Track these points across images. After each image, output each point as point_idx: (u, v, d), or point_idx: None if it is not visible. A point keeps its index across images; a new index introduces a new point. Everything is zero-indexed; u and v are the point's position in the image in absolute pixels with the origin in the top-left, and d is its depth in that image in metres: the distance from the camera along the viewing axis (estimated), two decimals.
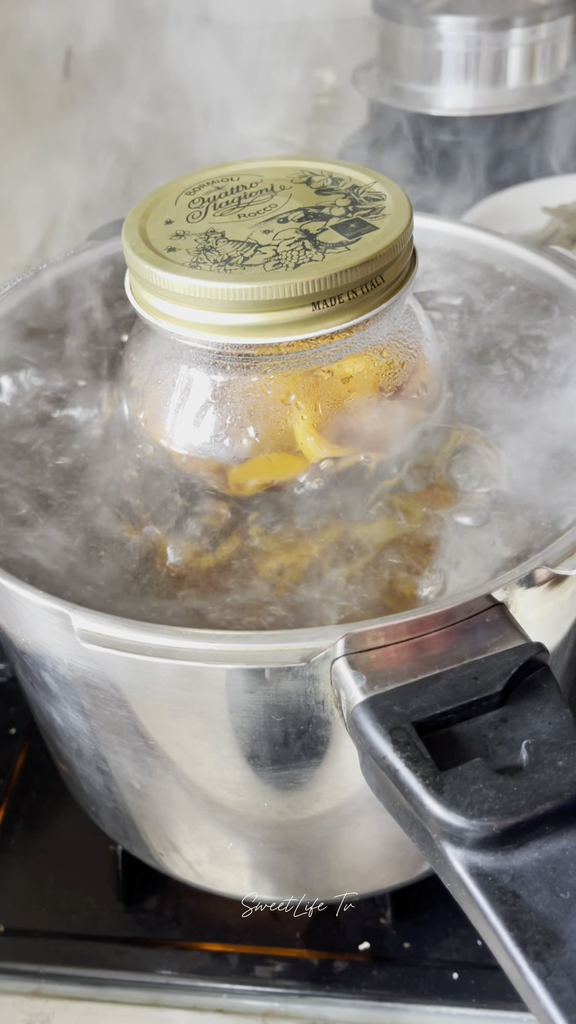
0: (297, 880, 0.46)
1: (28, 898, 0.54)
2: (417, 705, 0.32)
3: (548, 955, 0.28)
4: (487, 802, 0.29)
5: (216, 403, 0.40)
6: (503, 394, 0.45)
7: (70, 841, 0.56)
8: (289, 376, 0.39)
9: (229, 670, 0.35)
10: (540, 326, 0.49)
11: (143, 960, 0.51)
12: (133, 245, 0.39)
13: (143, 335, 0.42)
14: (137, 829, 0.47)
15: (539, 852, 0.29)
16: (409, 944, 0.51)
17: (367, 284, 0.37)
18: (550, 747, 0.31)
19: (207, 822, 0.43)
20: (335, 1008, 0.49)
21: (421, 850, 0.31)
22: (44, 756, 0.59)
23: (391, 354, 0.41)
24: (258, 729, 0.37)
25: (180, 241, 0.39)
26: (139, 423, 0.43)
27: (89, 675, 0.38)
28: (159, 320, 0.39)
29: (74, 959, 0.52)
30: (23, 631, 0.39)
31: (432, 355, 0.43)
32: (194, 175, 0.43)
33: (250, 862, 0.46)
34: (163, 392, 0.41)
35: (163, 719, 0.38)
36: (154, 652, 0.34)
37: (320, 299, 0.36)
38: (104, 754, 0.43)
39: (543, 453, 0.42)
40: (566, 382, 0.45)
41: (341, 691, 0.33)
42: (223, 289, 0.36)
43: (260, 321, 0.36)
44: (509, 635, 0.34)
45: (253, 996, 0.50)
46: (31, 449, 0.45)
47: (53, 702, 0.42)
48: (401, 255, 0.39)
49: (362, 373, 0.40)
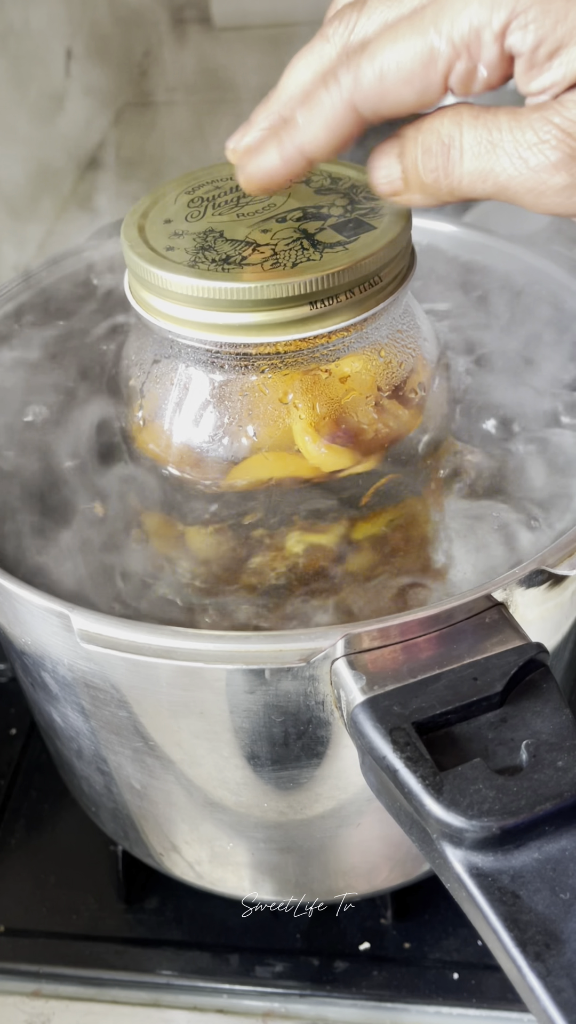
0: (297, 880, 0.46)
1: (28, 898, 0.54)
2: (417, 705, 0.32)
3: (548, 955, 0.28)
4: (487, 802, 0.29)
5: (214, 402, 0.40)
6: (503, 394, 0.45)
7: (70, 841, 0.56)
8: (287, 375, 0.39)
9: (229, 670, 0.35)
10: (540, 326, 0.48)
11: (143, 960, 0.51)
12: (131, 244, 0.39)
13: (141, 334, 0.42)
14: (137, 829, 0.47)
15: (539, 852, 0.29)
16: (409, 944, 0.51)
17: (365, 284, 0.37)
18: (550, 747, 0.31)
19: (207, 822, 0.43)
20: (335, 1008, 0.49)
21: (421, 850, 0.31)
22: (44, 756, 0.59)
23: (389, 353, 0.41)
24: (258, 729, 0.37)
25: (178, 240, 0.39)
26: (137, 422, 0.43)
27: (89, 675, 0.38)
28: (157, 319, 0.39)
29: (74, 959, 0.52)
30: (23, 631, 0.39)
31: (431, 355, 0.43)
32: (193, 174, 0.43)
33: (250, 862, 0.46)
34: (161, 391, 0.41)
35: (163, 719, 0.38)
36: (154, 652, 0.34)
37: (318, 298, 0.36)
38: (104, 754, 0.43)
39: (543, 453, 0.42)
40: (566, 382, 0.45)
41: (341, 691, 0.33)
42: (221, 288, 0.36)
43: (258, 320, 0.36)
44: (509, 635, 0.34)
45: (253, 996, 0.50)
46: (31, 449, 0.45)
47: (53, 703, 0.42)
48: (399, 255, 0.39)
49: (360, 372, 0.40)
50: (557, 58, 0.27)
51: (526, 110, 0.28)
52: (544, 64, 0.27)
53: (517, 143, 0.28)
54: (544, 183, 0.28)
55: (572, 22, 0.27)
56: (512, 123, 0.28)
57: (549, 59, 0.27)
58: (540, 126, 0.27)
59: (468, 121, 0.29)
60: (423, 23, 0.28)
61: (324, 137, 0.31)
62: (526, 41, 0.27)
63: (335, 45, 0.31)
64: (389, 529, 0.40)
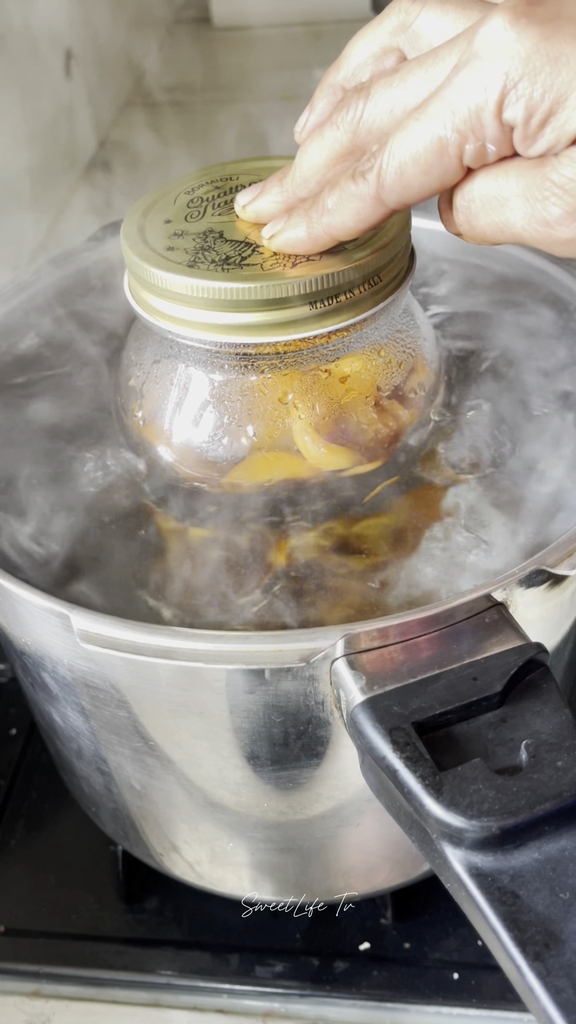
0: (297, 880, 0.46)
1: (28, 898, 0.54)
2: (416, 705, 0.32)
3: (548, 955, 0.28)
4: (487, 802, 0.29)
5: (214, 402, 0.40)
6: (502, 394, 0.45)
7: (70, 841, 0.56)
8: (287, 375, 0.39)
9: (229, 670, 0.35)
10: (540, 326, 0.48)
11: (143, 960, 0.51)
12: (131, 244, 0.39)
13: (141, 334, 0.42)
14: (137, 829, 0.47)
15: (539, 852, 0.29)
16: (409, 944, 0.51)
17: (365, 284, 0.37)
18: (550, 747, 0.31)
19: (207, 822, 0.43)
20: (335, 1008, 0.49)
21: (421, 850, 0.31)
22: (44, 756, 0.59)
23: (389, 354, 0.41)
24: (258, 729, 0.37)
25: (178, 240, 0.39)
26: (137, 422, 0.43)
27: (89, 676, 0.38)
28: (157, 319, 0.39)
29: (74, 959, 0.52)
30: (23, 631, 0.39)
31: (430, 355, 0.43)
32: (193, 175, 0.43)
33: (250, 862, 0.46)
34: (161, 391, 0.41)
35: (163, 719, 0.38)
36: (154, 652, 0.34)
37: (318, 298, 0.36)
38: (104, 754, 0.43)
39: (542, 452, 0.42)
40: (565, 382, 0.45)
41: (341, 691, 0.33)
42: (221, 288, 0.36)
43: (258, 320, 0.36)
44: (509, 635, 0.34)
45: (253, 996, 0.50)
46: (30, 449, 0.45)
47: (53, 703, 0.42)
48: (399, 255, 0.39)
49: (360, 372, 0.40)
50: (548, 125, 0.28)
51: (530, 165, 0.30)
52: (537, 133, 0.29)
53: (523, 199, 0.30)
54: (551, 236, 0.30)
55: (559, 90, 0.28)
56: (518, 180, 0.30)
57: (541, 127, 0.29)
58: (541, 183, 0.29)
59: (480, 178, 0.31)
60: (429, 117, 0.30)
61: (352, 223, 0.34)
62: (518, 114, 0.28)
63: (345, 132, 0.34)
64: (389, 529, 0.40)
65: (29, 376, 0.48)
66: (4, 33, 0.83)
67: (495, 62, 0.28)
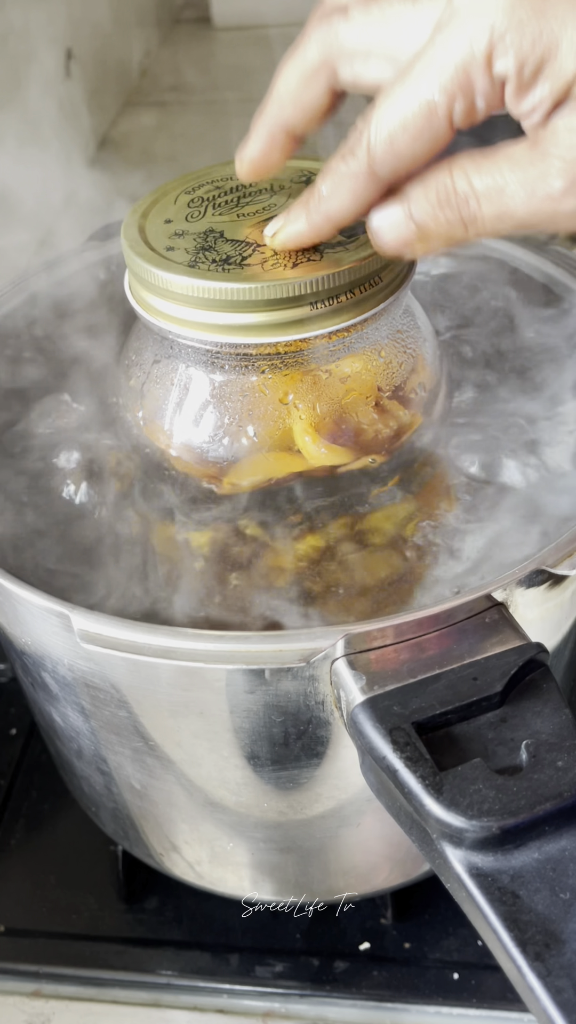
0: (297, 880, 0.46)
1: (28, 898, 0.54)
2: (417, 705, 0.32)
3: (548, 955, 0.28)
4: (487, 802, 0.29)
5: (215, 402, 0.40)
6: (502, 394, 0.45)
7: (70, 841, 0.56)
8: (287, 375, 0.39)
9: (229, 670, 0.35)
10: (540, 326, 0.48)
11: (144, 960, 0.51)
12: (132, 244, 0.39)
13: (142, 334, 0.42)
14: (137, 829, 0.47)
15: (539, 852, 0.29)
16: (409, 944, 0.51)
17: (365, 284, 0.37)
18: (550, 747, 0.31)
19: (207, 822, 0.43)
20: (335, 1008, 0.49)
21: (421, 850, 0.31)
22: (44, 756, 0.59)
23: (389, 354, 0.41)
24: (258, 729, 0.37)
25: (179, 240, 0.39)
26: (138, 422, 0.43)
27: (89, 675, 0.38)
28: (157, 319, 0.39)
29: (74, 959, 0.52)
30: (23, 631, 0.39)
31: (431, 355, 0.43)
32: (193, 175, 0.43)
33: (250, 862, 0.46)
34: (162, 391, 0.41)
35: (163, 719, 0.38)
36: (154, 652, 0.34)
37: (318, 299, 0.36)
38: (104, 754, 0.43)
39: (542, 452, 0.42)
40: (565, 382, 0.45)
41: (341, 691, 0.33)
42: (221, 288, 0.36)
43: (258, 320, 0.36)
44: (509, 635, 0.34)
45: (253, 996, 0.50)
46: (30, 449, 0.45)
47: (53, 703, 0.42)
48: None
49: (360, 373, 0.40)
50: (542, 73, 0.28)
51: (521, 148, 0.30)
52: (532, 83, 0.28)
53: (522, 181, 0.30)
54: (556, 211, 0.30)
55: (548, 39, 0.28)
56: (512, 163, 0.30)
57: (535, 76, 0.28)
58: (541, 159, 0.29)
59: (472, 170, 0.31)
60: (414, 79, 0.29)
61: (350, 204, 0.33)
62: (509, 65, 0.28)
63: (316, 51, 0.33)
64: (389, 529, 0.40)
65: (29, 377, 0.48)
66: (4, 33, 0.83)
67: (478, 17, 0.28)
